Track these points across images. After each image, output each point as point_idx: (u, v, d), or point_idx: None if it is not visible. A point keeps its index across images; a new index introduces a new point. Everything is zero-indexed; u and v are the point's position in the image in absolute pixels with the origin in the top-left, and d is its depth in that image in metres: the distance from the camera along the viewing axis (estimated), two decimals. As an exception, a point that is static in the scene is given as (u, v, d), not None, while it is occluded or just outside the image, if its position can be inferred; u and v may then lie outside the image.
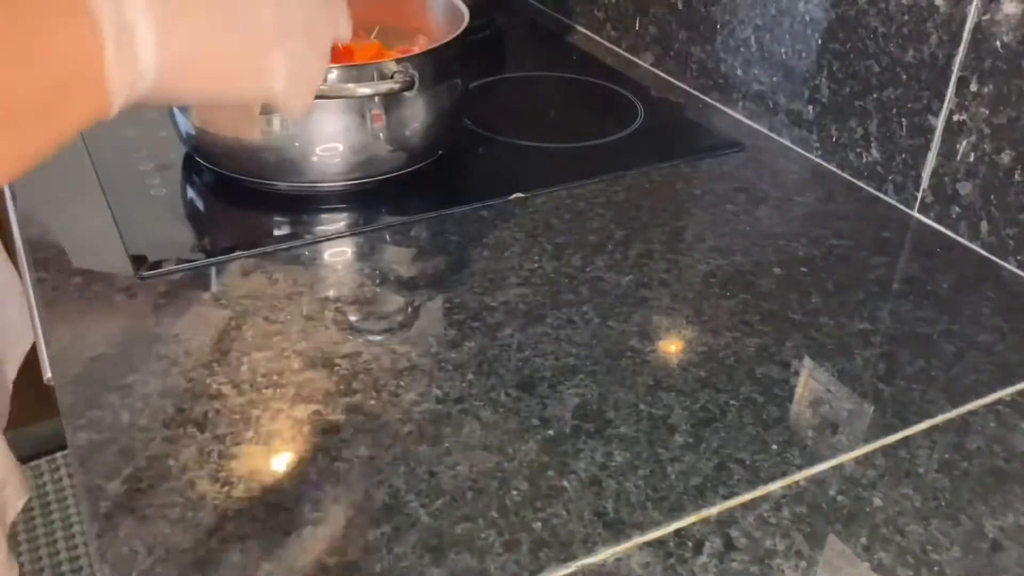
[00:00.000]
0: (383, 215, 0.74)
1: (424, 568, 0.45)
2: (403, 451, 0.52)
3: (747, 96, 0.92)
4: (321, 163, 0.73)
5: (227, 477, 0.50)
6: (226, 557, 0.45)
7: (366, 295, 0.65)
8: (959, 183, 0.72)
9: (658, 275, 0.68)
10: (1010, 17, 0.66)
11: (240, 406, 0.54)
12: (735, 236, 0.73)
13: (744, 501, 0.49)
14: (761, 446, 0.53)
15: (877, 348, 0.61)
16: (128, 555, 0.45)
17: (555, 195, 0.78)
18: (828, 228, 0.75)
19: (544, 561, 0.46)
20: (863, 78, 0.78)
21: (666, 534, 0.47)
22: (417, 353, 0.59)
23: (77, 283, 0.65)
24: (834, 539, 0.48)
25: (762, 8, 0.87)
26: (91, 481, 0.49)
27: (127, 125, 0.85)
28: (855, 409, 0.56)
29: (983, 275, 0.69)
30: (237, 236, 0.71)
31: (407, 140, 0.75)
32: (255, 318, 0.62)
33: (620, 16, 1.08)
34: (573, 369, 0.58)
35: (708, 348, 0.61)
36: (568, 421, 0.54)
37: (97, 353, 0.58)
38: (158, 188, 0.76)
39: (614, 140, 0.88)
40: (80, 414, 0.53)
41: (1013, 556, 0.47)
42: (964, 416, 0.56)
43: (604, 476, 0.51)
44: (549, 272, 0.68)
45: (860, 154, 0.81)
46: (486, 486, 0.50)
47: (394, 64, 0.70)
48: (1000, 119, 0.68)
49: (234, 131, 0.72)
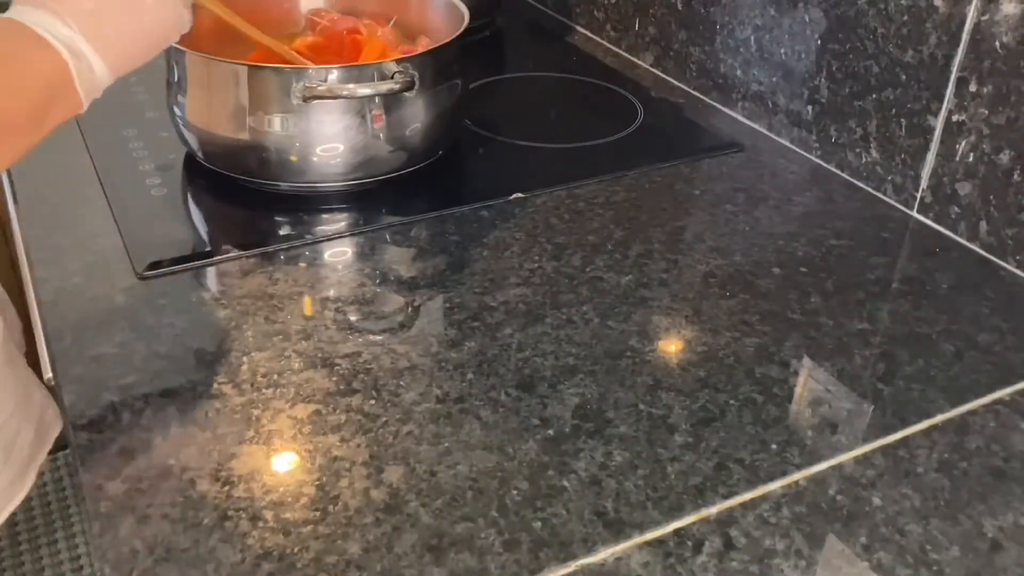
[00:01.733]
0: (383, 215, 0.74)
1: (424, 567, 0.45)
2: (403, 451, 0.52)
3: (746, 96, 0.92)
4: (321, 163, 0.73)
5: (227, 477, 0.50)
6: (226, 557, 0.45)
7: (366, 295, 0.65)
8: (958, 183, 0.72)
9: (658, 275, 0.68)
10: (1009, 17, 0.66)
11: (240, 406, 0.54)
12: (734, 236, 0.73)
13: (744, 501, 0.50)
14: (761, 446, 0.53)
15: (876, 348, 0.61)
16: (128, 555, 0.45)
17: (555, 195, 0.78)
18: (827, 228, 0.75)
19: (544, 561, 0.46)
20: (862, 78, 0.78)
21: (666, 534, 0.48)
22: (417, 353, 0.59)
23: (77, 283, 0.65)
24: (833, 539, 0.48)
25: (762, 9, 0.87)
26: (92, 480, 0.49)
27: (127, 125, 0.86)
28: (854, 409, 0.56)
29: (982, 275, 0.69)
30: (237, 236, 0.71)
31: (407, 140, 0.75)
32: (255, 318, 0.62)
33: (620, 16, 1.08)
34: (573, 369, 0.58)
35: (708, 348, 0.61)
36: (568, 421, 0.54)
37: (97, 353, 0.58)
38: (158, 188, 0.76)
39: (614, 140, 0.88)
40: (80, 414, 0.54)
41: (1012, 556, 0.47)
42: (963, 416, 0.56)
43: (604, 476, 0.51)
44: (549, 272, 0.68)
45: (859, 154, 0.81)
46: (486, 486, 0.50)
47: (394, 64, 0.70)
48: (999, 119, 0.68)
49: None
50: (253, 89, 0.71)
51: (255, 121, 0.71)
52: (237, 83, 0.71)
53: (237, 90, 0.71)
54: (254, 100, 0.71)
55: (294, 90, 0.69)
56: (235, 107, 0.72)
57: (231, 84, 0.72)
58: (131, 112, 0.89)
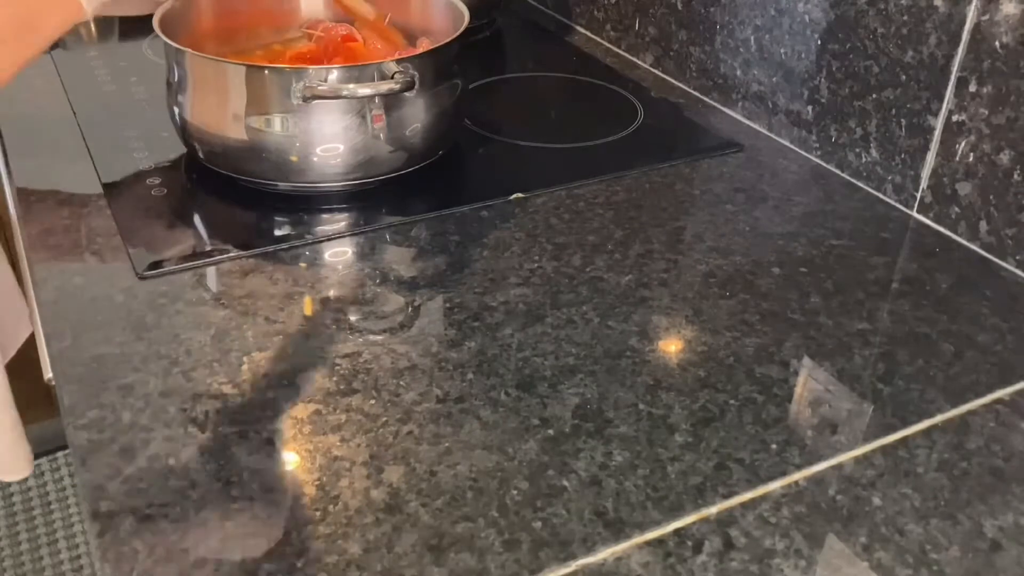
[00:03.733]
0: (383, 215, 0.74)
1: (424, 567, 0.45)
2: (403, 451, 0.52)
3: (746, 96, 0.92)
4: (321, 163, 0.73)
5: (228, 476, 0.50)
6: (227, 557, 0.45)
7: (366, 295, 0.65)
8: (958, 183, 0.72)
9: (658, 275, 0.68)
10: (1009, 17, 0.66)
11: (240, 406, 0.54)
12: (734, 236, 0.73)
13: (744, 500, 0.50)
14: (760, 446, 0.53)
15: (876, 348, 0.61)
16: (128, 555, 0.45)
17: (555, 195, 0.78)
18: (827, 228, 0.75)
19: (544, 560, 0.46)
20: (862, 78, 0.78)
21: (666, 533, 0.48)
22: (417, 353, 0.59)
23: (77, 283, 0.65)
24: (833, 538, 0.48)
25: (762, 9, 0.87)
26: (92, 481, 0.49)
27: (127, 125, 0.86)
28: (854, 409, 0.56)
29: (982, 275, 0.69)
30: (237, 236, 0.71)
31: (407, 140, 0.75)
32: (255, 318, 0.62)
33: (620, 16, 1.08)
34: (573, 369, 0.58)
35: (708, 348, 0.61)
36: (568, 421, 0.54)
37: (97, 353, 0.58)
38: (158, 188, 0.76)
39: (614, 140, 0.88)
40: (81, 414, 0.54)
41: (1012, 556, 0.47)
42: (963, 416, 0.56)
43: (604, 476, 0.51)
44: (549, 272, 0.68)
45: (859, 154, 0.81)
46: (486, 485, 0.50)
47: (394, 64, 0.70)
48: (999, 119, 0.68)
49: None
50: (253, 89, 0.71)
51: (255, 121, 0.71)
52: (237, 83, 0.71)
53: (237, 90, 0.71)
54: (254, 100, 0.71)
55: (294, 90, 0.69)
56: (235, 107, 0.72)
57: (231, 84, 0.72)
58: (131, 112, 0.89)
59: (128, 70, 0.99)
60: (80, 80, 0.96)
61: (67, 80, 0.96)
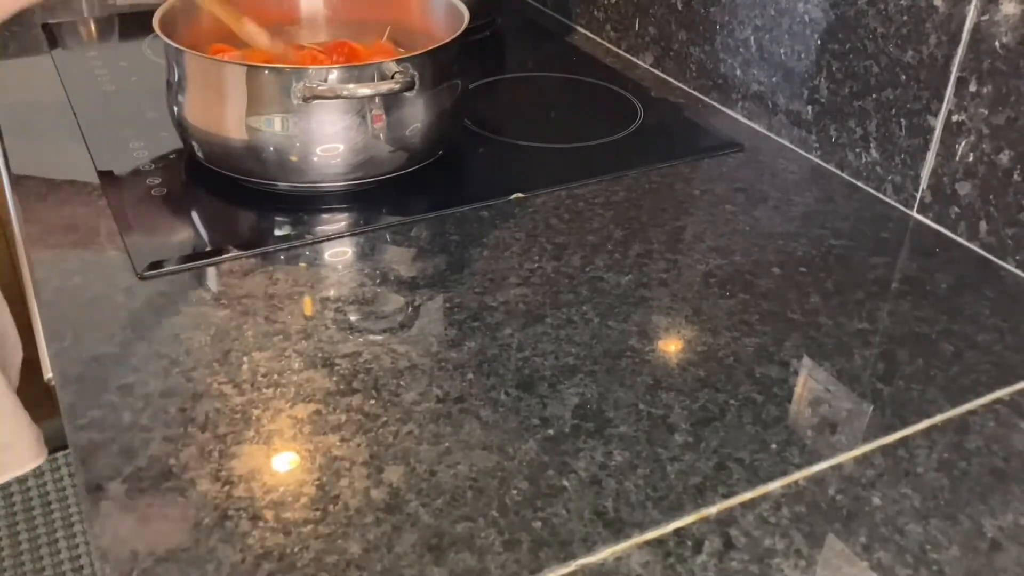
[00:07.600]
0: (383, 215, 0.74)
1: (424, 567, 0.45)
2: (403, 451, 0.52)
3: (746, 96, 0.92)
4: (321, 163, 0.73)
5: (228, 476, 0.50)
6: (226, 557, 0.45)
7: (366, 295, 0.65)
8: (958, 183, 0.72)
9: (657, 275, 0.68)
10: (1009, 17, 0.66)
11: (240, 406, 0.54)
12: (734, 236, 0.73)
13: (743, 500, 0.50)
14: (760, 445, 0.53)
15: (876, 348, 0.61)
16: (128, 555, 0.45)
17: (555, 195, 0.78)
18: (827, 228, 0.75)
19: (544, 560, 0.46)
20: (862, 78, 0.78)
21: (666, 533, 0.48)
22: (417, 353, 0.59)
23: (77, 283, 0.65)
24: (833, 538, 0.48)
25: (761, 9, 0.87)
26: (92, 481, 0.49)
27: (127, 125, 0.86)
28: (854, 409, 0.56)
29: (982, 275, 0.69)
30: (238, 236, 0.71)
31: (407, 140, 0.75)
32: (255, 318, 0.62)
33: (620, 16, 1.08)
34: (573, 369, 0.58)
35: (707, 348, 0.61)
36: (568, 421, 0.54)
37: (97, 353, 0.58)
38: (158, 188, 0.76)
39: (614, 140, 0.88)
40: (81, 414, 0.54)
41: (1012, 556, 0.47)
42: (963, 416, 0.56)
43: (604, 475, 0.51)
44: (549, 272, 0.68)
45: (859, 154, 0.81)
46: (486, 485, 0.50)
47: (394, 64, 0.70)
48: (999, 119, 0.68)
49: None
50: (253, 89, 0.71)
51: (255, 121, 0.71)
52: (237, 83, 0.71)
53: (237, 90, 0.71)
54: (254, 100, 0.71)
55: (294, 90, 0.69)
56: (235, 107, 0.72)
57: (231, 84, 0.72)
58: (131, 112, 0.89)
59: (128, 70, 0.99)
60: (80, 80, 0.96)
61: (67, 80, 0.96)
